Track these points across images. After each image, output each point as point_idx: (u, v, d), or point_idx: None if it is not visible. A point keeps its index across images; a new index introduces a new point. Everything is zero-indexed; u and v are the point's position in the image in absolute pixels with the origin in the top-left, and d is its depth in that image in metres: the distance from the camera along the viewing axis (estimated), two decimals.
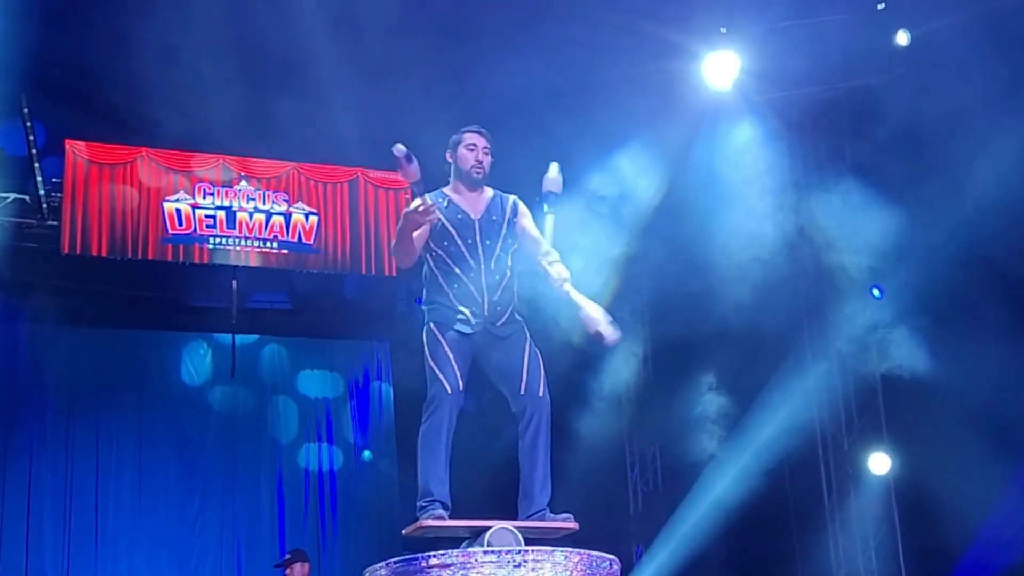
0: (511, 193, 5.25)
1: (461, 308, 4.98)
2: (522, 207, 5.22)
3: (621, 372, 12.89)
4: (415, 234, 4.93)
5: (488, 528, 4.67)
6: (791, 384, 11.21)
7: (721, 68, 10.86)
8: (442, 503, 4.87)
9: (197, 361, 12.83)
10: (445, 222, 4.99)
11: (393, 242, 5.01)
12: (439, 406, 4.92)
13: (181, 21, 9.92)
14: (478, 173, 5.07)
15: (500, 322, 5.02)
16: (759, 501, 11.00)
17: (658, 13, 10.17)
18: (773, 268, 10.84)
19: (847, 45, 11.10)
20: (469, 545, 4.69)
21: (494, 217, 5.08)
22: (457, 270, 4.99)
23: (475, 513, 4.88)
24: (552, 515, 4.95)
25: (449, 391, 4.91)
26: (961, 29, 9.93)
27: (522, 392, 5.01)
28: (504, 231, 5.08)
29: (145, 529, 12.11)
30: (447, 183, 5.18)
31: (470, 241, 4.99)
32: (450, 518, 4.83)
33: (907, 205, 10.47)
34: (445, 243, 5.00)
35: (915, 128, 10.27)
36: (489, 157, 5.10)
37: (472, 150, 5.09)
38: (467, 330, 4.98)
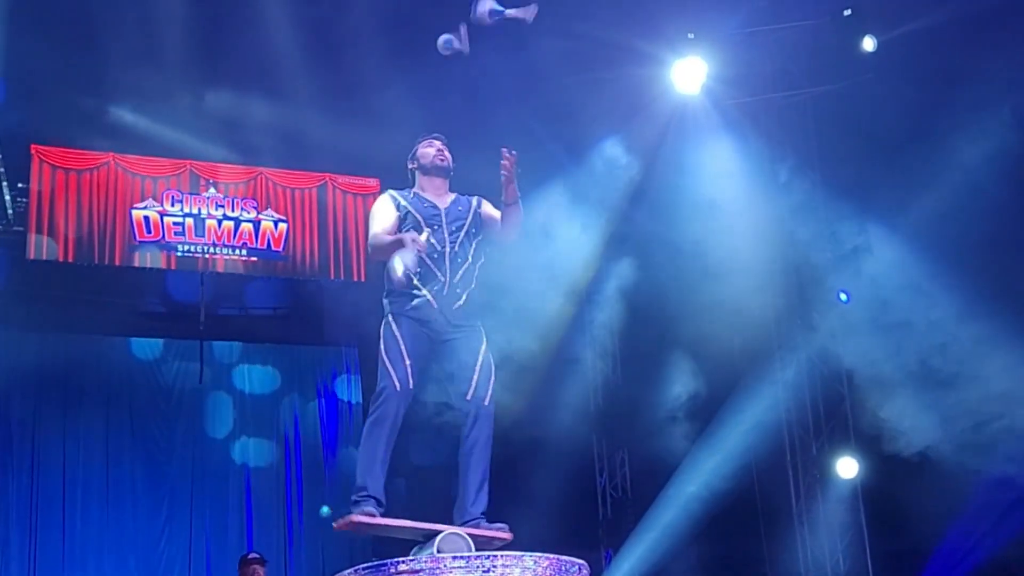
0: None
1: (423, 288, 5.03)
2: (485, 201, 5.37)
3: (589, 377, 12.93)
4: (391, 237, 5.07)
5: (432, 531, 4.68)
6: (759, 388, 11.26)
7: (689, 74, 10.91)
8: (375, 499, 4.89)
9: (165, 367, 12.74)
10: (412, 211, 5.15)
11: (377, 245, 5.14)
12: (386, 400, 4.96)
13: (148, 25, 9.87)
14: (441, 160, 5.28)
15: (456, 304, 5.07)
16: (728, 505, 11.04)
17: (625, 19, 10.21)
18: (741, 272, 10.88)
19: (814, 51, 11.19)
20: (420, 550, 4.69)
21: (459, 208, 5.26)
22: (422, 254, 5.02)
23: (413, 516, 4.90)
24: (487, 523, 4.96)
25: (398, 388, 4.96)
26: (927, 35, 10.02)
27: (468, 398, 5.05)
28: (469, 219, 5.23)
29: (112, 536, 12.01)
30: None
31: (436, 227, 5.13)
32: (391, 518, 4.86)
33: (874, 209, 10.54)
34: (412, 230, 5.09)
35: (881, 133, 10.35)
36: (448, 153, 5.30)
37: (430, 146, 5.32)
38: (427, 314, 5.03)
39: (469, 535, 4.78)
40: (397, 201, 5.19)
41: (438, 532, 4.69)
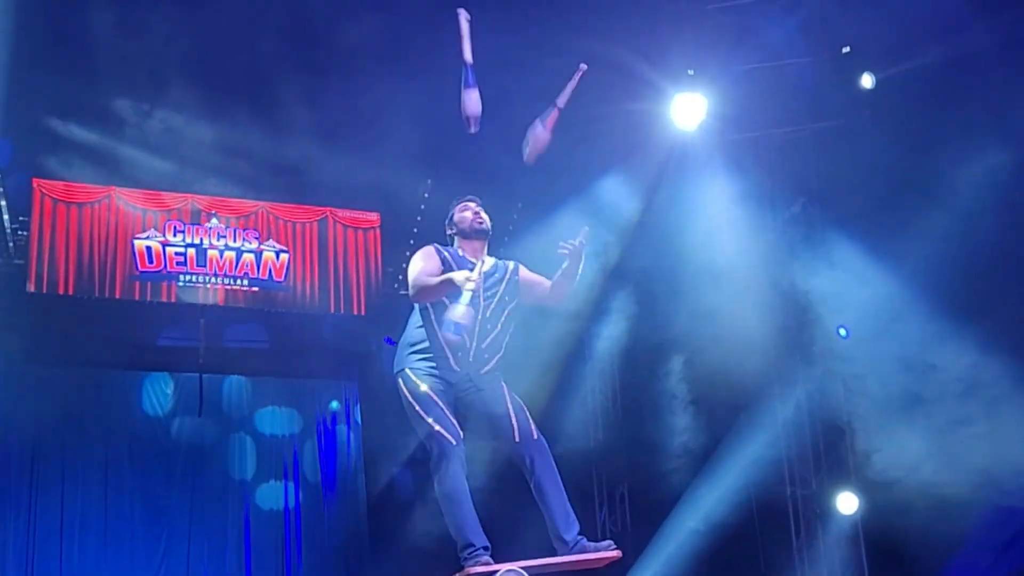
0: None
1: (447, 350, 5.08)
2: (522, 267, 5.45)
3: (589, 411, 12.91)
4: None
5: (536, 568, 4.74)
6: (759, 424, 11.24)
7: (688, 110, 10.97)
8: (483, 547, 4.97)
9: (164, 401, 12.73)
10: (455, 267, 5.17)
11: (424, 285, 5.12)
12: (449, 460, 5.02)
13: (151, 60, 9.94)
14: (479, 224, 5.34)
15: (484, 369, 5.15)
16: (728, 540, 11.01)
17: (626, 56, 10.27)
18: (740, 308, 10.89)
19: (813, 87, 11.24)
20: None
21: (496, 274, 5.30)
22: (478, 289, 5.08)
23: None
24: (593, 544, 5.06)
25: (454, 443, 5.04)
26: (925, 72, 10.08)
27: (517, 439, 5.13)
28: (504, 287, 5.28)
29: (110, 570, 11.96)
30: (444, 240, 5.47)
31: (472, 290, 5.04)
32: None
33: (876, 245, 10.56)
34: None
35: (880, 168, 10.39)
36: (486, 215, 5.37)
37: (467, 210, 5.39)
38: (451, 377, 5.10)
39: (579, 559, 4.89)
40: (442, 254, 5.27)
41: (550, 566, 4.77)
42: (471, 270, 5.11)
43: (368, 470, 12.74)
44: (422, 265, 5.19)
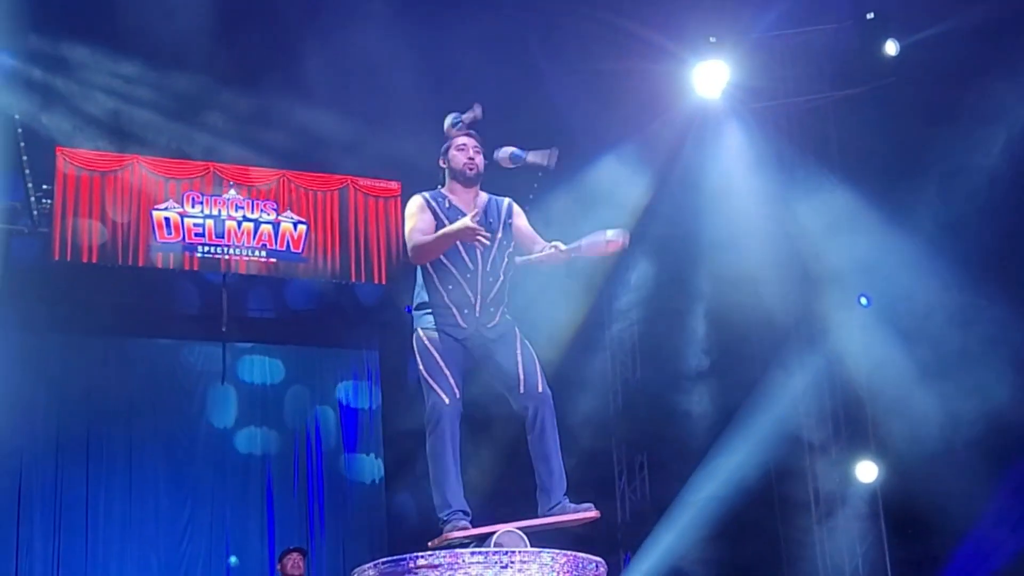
0: (505, 196, 5.28)
1: (453, 309, 4.99)
2: (516, 208, 5.24)
3: (608, 380, 12.94)
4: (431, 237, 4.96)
5: (511, 531, 4.72)
6: (778, 392, 11.24)
7: (710, 77, 10.93)
8: (462, 511, 4.90)
9: (187, 368, 12.83)
10: (447, 223, 4.98)
11: (420, 244, 4.96)
12: (440, 418, 4.92)
13: (170, 27, 9.95)
14: (471, 170, 5.09)
15: (491, 323, 5.02)
16: (746, 509, 11.02)
17: (649, 19, 10.24)
18: (761, 276, 10.88)
19: (836, 55, 11.18)
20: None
21: (490, 219, 5.08)
22: (454, 270, 4.99)
23: (483, 513, 4.94)
24: (573, 505, 4.98)
25: (447, 402, 4.93)
26: (950, 38, 10.01)
27: (522, 391, 5.01)
28: (500, 233, 5.09)
29: (135, 536, 12.10)
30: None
31: (468, 243, 4.94)
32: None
33: (896, 214, 10.52)
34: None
35: (904, 136, 10.34)
36: (481, 156, 5.11)
37: (462, 150, 5.11)
38: (459, 334, 5.00)
39: (557, 521, 4.84)
40: (431, 205, 5.06)
41: (529, 528, 4.75)
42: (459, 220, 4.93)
43: (388, 438, 12.82)
44: (414, 222, 5.00)
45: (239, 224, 11.89)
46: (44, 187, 11.42)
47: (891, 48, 10.75)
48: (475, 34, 9.85)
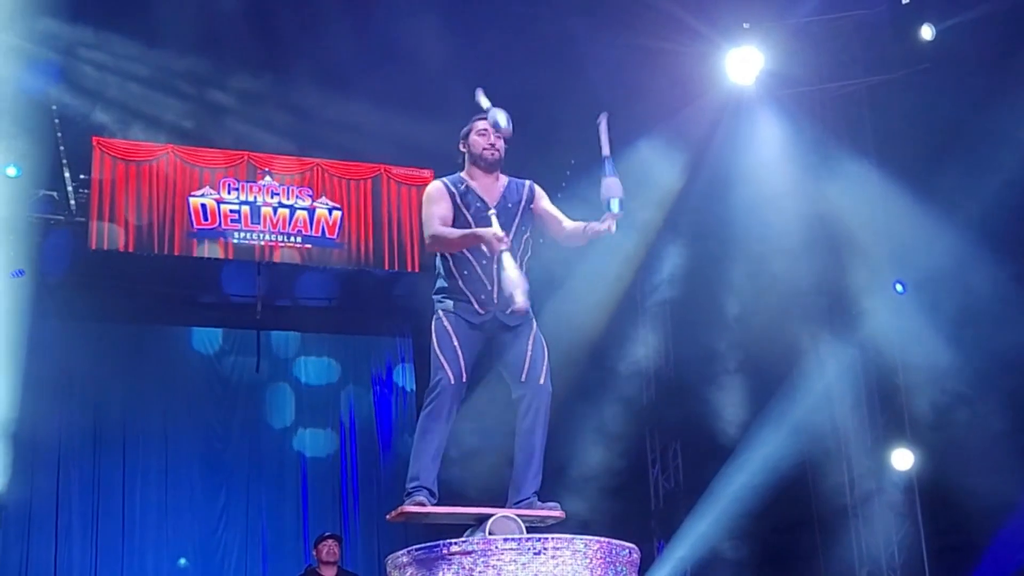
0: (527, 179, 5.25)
1: (470, 295, 4.98)
2: (538, 190, 5.21)
3: (642, 368, 12.93)
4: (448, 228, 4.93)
5: (482, 515, 4.71)
6: (813, 379, 11.19)
7: (743, 64, 10.87)
8: (428, 489, 4.89)
9: (222, 355, 12.93)
10: (464, 208, 4.99)
11: (440, 237, 4.95)
12: (440, 394, 4.93)
13: (207, 17, 10.00)
14: (492, 156, 5.06)
15: (508, 309, 4.93)
16: (780, 496, 10.97)
17: (680, 8, 10.20)
18: (795, 262, 10.83)
19: (871, 40, 11.09)
20: (472, 533, 4.72)
21: (509, 204, 5.07)
22: (469, 256, 4.98)
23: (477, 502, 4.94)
24: (539, 503, 4.95)
25: (452, 380, 4.92)
26: (986, 23, 9.90)
27: (523, 379, 5.00)
28: (519, 218, 5.06)
29: (171, 523, 12.22)
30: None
31: (485, 227, 4.92)
32: (444, 505, 4.87)
33: (931, 200, 10.44)
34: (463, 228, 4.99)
35: (939, 123, 10.24)
36: (502, 142, 5.08)
37: (483, 135, 5.08)
38: (476, 320, 4.99)
39: (521, 515, 4.78)
40: (450, 190, 5.03)
41: (489, 516, 4.72)
42: (483, 208, 4.96)
43: None
44: (433, 209, 4.99)
45: (275, 210, 11.95)
46: (81, 177, 11.52)
47: (927, 33, 10.63)
48: (511, 18, 9.86)
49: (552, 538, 4.51)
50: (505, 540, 4.47)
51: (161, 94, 11.31)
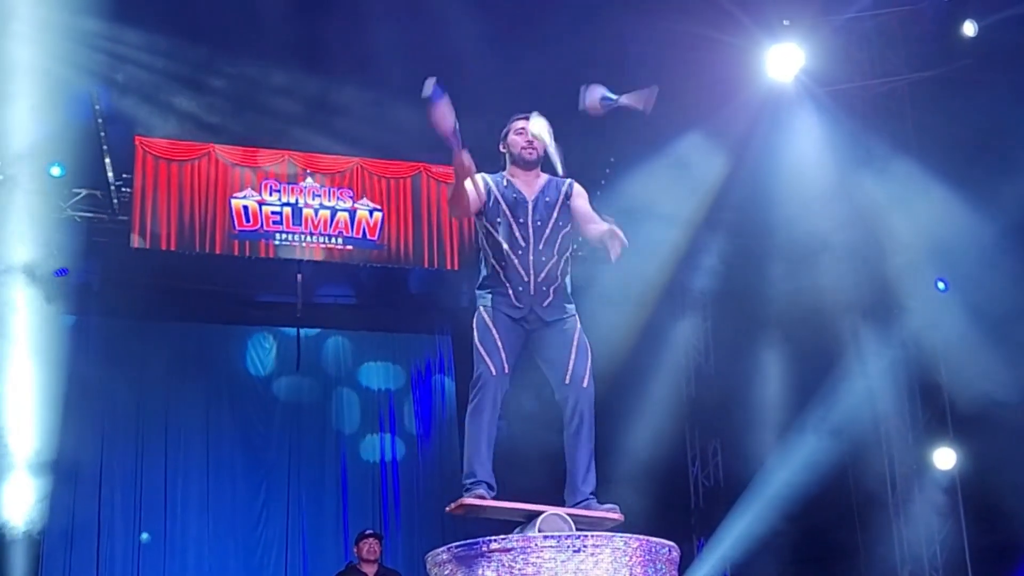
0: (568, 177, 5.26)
1: (508, 286, 5.02)
2: (577, 187, 5.24)
3: (682, 366, 12.90)
4: (468, 188, 4.97)
5: (538, 512, 4.71)
6: (854, 378, 11.12)
7: (783, 61, 10.82)
8: (486, 483, 4.93)
9: (263, 355, 13.00)
10: (500, 200, 5.06)
11: (450, 194, 5.07)
12: (484, 387, 4.98)
13: (250, 17, 10.06)
14: (529, 154, 5.11)
15: (546, 303, 5.01)
16: (821, 495, 10.92)
17: (720, 5, 10.16)
18: (836, 259, 10.77)
19: (912, 37, 11.02)
20: (522, 530, 4.73)
21: (547, 199, 5.12)
22: (506, 247, 5.02)
23: (533, 500, 4.90)
24: (598, 504, 4.96)
25: (494, 373, 4.97)
26: None
27: (567, 381, 5.01)
28: (557, 212, 5.11)
29: (212, 520, 12.28)
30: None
31: (522, 220, 5.03)
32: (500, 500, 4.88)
33: (973, 197, 10.36)
34: (498, 220, 5.06)
35: (981, 119, 10.15)
36: (539, 143, 5.10)
37: (521, 134, 5.14)
38: (515, 313, 5.03)
39: (580, 515, 4.79)
40: (488, 184, 5.09)
41: (542, 513, 4.73)
42: (519, 201, 5.03)
43: (462, 423, 12.84)
44: (467, 186, 5.03)
45: (316, 212, 12.00)
46: (124, 176, 11.62)
47: (969, 29, 10.56)
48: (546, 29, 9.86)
49: (592, 535, 4.50)
50: (545, 537, 4.47)
51: (202, 93, 11.39)
